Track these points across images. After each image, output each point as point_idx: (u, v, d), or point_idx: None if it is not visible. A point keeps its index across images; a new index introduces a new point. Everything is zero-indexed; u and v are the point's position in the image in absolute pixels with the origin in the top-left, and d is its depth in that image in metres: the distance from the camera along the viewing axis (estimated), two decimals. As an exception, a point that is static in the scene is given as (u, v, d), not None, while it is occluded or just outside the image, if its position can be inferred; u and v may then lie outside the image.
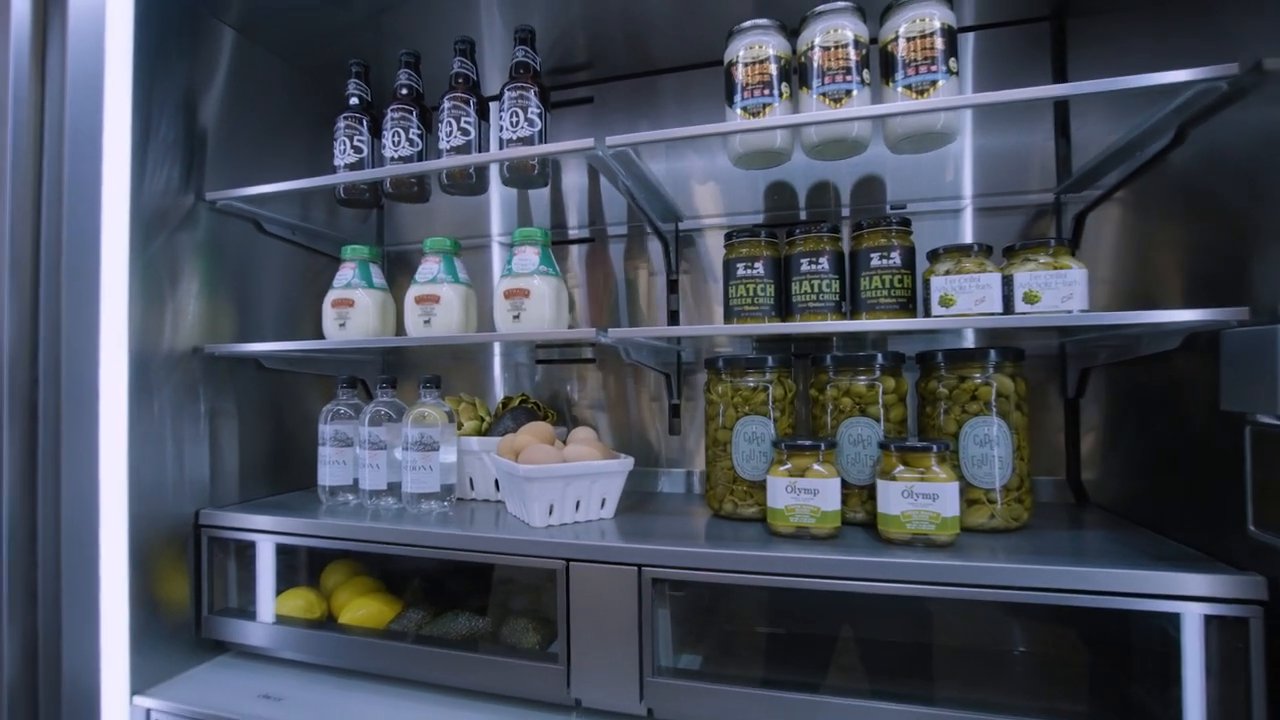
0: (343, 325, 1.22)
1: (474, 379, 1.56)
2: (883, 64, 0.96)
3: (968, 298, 0.91)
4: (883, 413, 1.01)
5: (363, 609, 1.13)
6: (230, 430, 1.24)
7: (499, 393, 1.53)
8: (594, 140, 0.96)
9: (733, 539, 0.94)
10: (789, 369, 1.10)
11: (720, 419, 1.08)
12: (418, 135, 1.19)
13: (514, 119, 1.09)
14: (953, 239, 1.25)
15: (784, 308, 1.06)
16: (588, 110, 1.48)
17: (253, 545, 1.15)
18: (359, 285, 1.23)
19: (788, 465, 0.95)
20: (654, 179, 1.13)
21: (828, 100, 0.94)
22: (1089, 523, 1.01)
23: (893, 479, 0.89)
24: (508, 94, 1.11)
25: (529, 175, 1.13)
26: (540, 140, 1.11)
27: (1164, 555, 0.81)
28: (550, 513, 1.02)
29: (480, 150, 1.16)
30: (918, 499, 0.88)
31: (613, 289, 1.47)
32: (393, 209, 1.62)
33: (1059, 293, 0.88)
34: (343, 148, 1.22)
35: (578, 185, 1.49)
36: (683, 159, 1.41)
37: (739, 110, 1.00)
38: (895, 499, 0.89)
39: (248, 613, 1.16)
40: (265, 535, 1.13)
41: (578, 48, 1.35)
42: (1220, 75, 0.74)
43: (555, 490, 1.02)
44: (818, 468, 0.93)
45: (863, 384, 1.02)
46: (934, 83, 0.91)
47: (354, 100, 1.26)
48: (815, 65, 0.96)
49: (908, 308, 0.99)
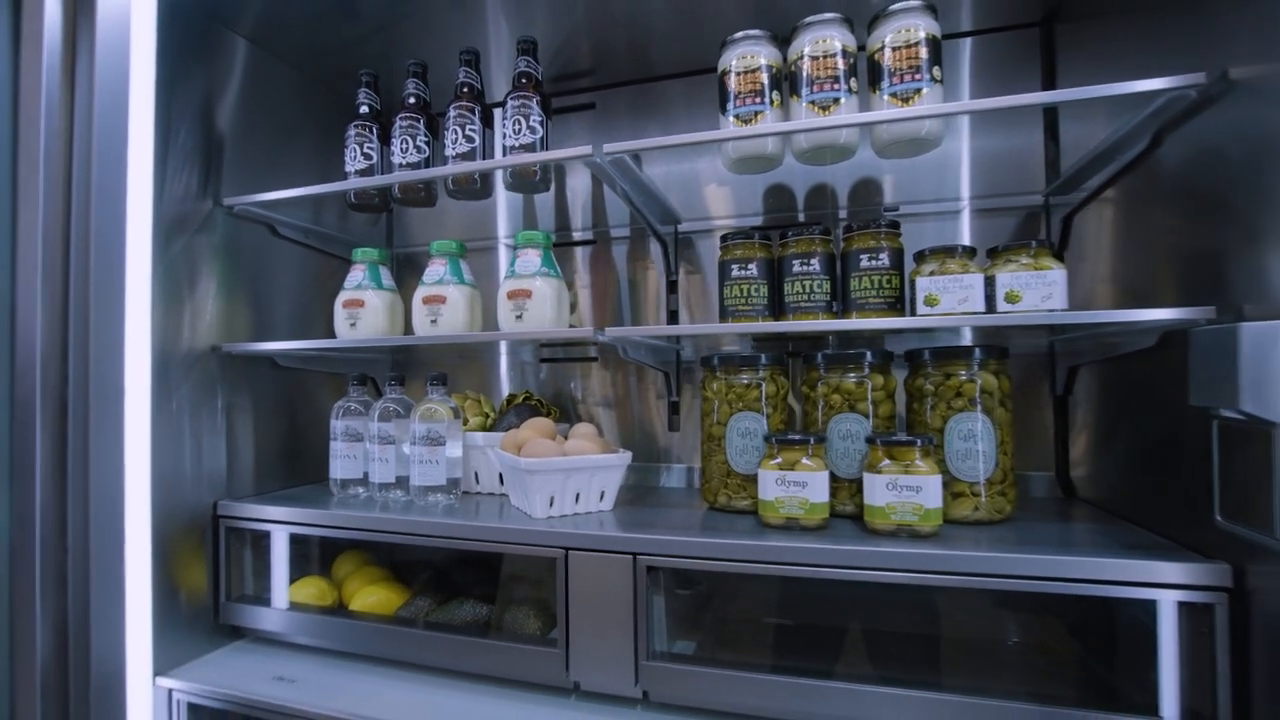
0: (353, 325, 1.27)
1: (481, 377, 1.61)
2: (870, 72, 0.99)
3: (951, 297, 0.94)
4: (871, 409, 1.05)
5: (372, 597, 1.18)
6: (246, 425, 1.30)
7: (505, 390, 1.58)
8: (591, 148, 1.00)
9: (725, 530, 0.98)
10: (782, 366, 1.14)
11: (715, 415, 1.12)
12: (425, 142, 1.23)
13: (516, 126, 1.14)
14: (951, 240, 1.28)
15: (777, 307, 1.10)
16: (590, 116, 1.52)
17: (267, 535, 1.20)
18: (369, 286, 1.28)
19: (778, 459, 0.99)
20: (651, 184, 1.18)
21: (816, 108, 0.98)
22: (1072, 516, 1.04)
23: (878, 472, 0.93)
24: (510, 103, 1.15)
25: (531, 181, 1.17)
26: (542, 147, 1.16)
27: (1136, 545, 0.84)
28: (551, 504, 1.07)
29: (485, 157, 1.21)
30: (902, 491, 0.91)
31: (616, 289, 1.51)
32: (401, 212, 1.67)
33: (1039, 292, 0.91)
34: (353, 154, 1.27)
35: (582, 189, 1.53)
36: (683, 162, 1.45)
37: (732, 118, 1.03)
38: (880, 491, 0.92)
39: (263, 600, 1.21)
40: (280, 525, 1.18)
41: (580, 55, 1.40)
42: (1189, 84, 0.77)
43: (555, 483, 1.06)
44: (807, 462, 0.97)
45: (852, 381, 1.06)
46: (918, 90, 0.94)
47: (364, 109, 1.30)
48: (805, 74, 0.99)
49: (896, 307, 1.02)
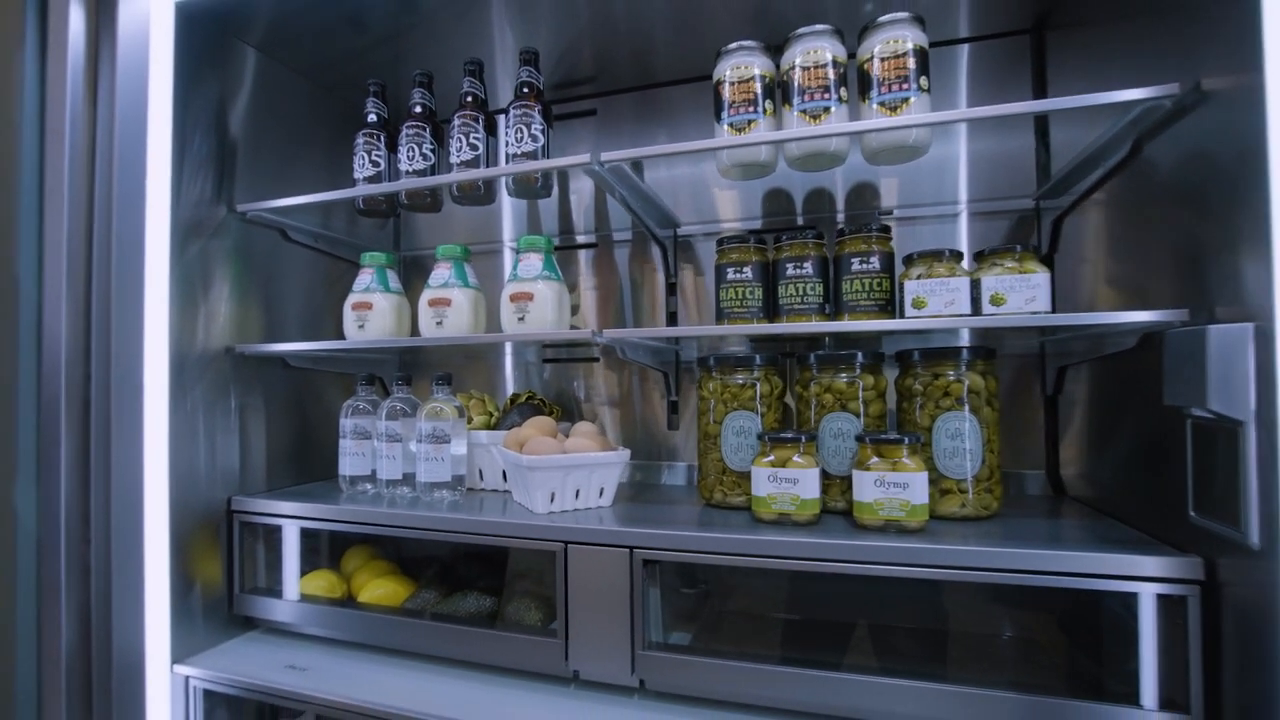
0: (362, 327, 1.31)
1: (487, 376, 1.65)
2: (860, 82, 1.02)
3: (938, 300, 0.97)
4: (862, 408, 1.08)
5: (380, 589, 1.22)
6: (258, 424, 1.34)
7: (510, 389, 1.61)
8: (590, 156, 1.04)
9: (719, 525, 1.01)
10: (777, 367, 1.17)
11: (711, 414, 1.15)
12: (430, 150, 1.27)
13: (519, 135, 1.17)
14: (949, 242, 1.31)
15: (772, 309, 1.13)
16: (592, 122, 1.55)
17: (279, 529, 1.24)
18: (377, 289, 1.32)
19: (771, 457, 1.02)
20: (648, 190, 1.21)
21: (807, 117, 1.01)
22: (1058, 513, 1.07)
23: (866, 469, 0.96)
24: (513, 112, 1.19)
25: (532, 187, 1.21)
26: (543, 155, 1.20)
27: (1116, 540, 0.87)
28: (552, 500, 1.10)
29: (489, 164, 1.25)
30: (889, 487, 0.94)
31: (618, 291, 1.54)
32: (408, 216, 1.71)
33: (1023, 295, 0.94)
34: (361, 162, 1.32)
35: (584, 193, 1.57)
36: (685, 166, 1.47)
37: (726, 126, 1.07)
38: (869, 488, 0.95)
39: (275, 592, 1.25)
40: (291, 520, 1.22)
41: (582, 63, 1.43)
42: (1164, 94, 0.80)
43: (556, 479, 1.10)
44: (798, 459, 1.00)
45: (843, 381, 1.09)
46: (906, 100, 0.98)
47: (372, 117, 1.35)
48: (796, 84, 1.03)
49: (886, 309, 1.05)
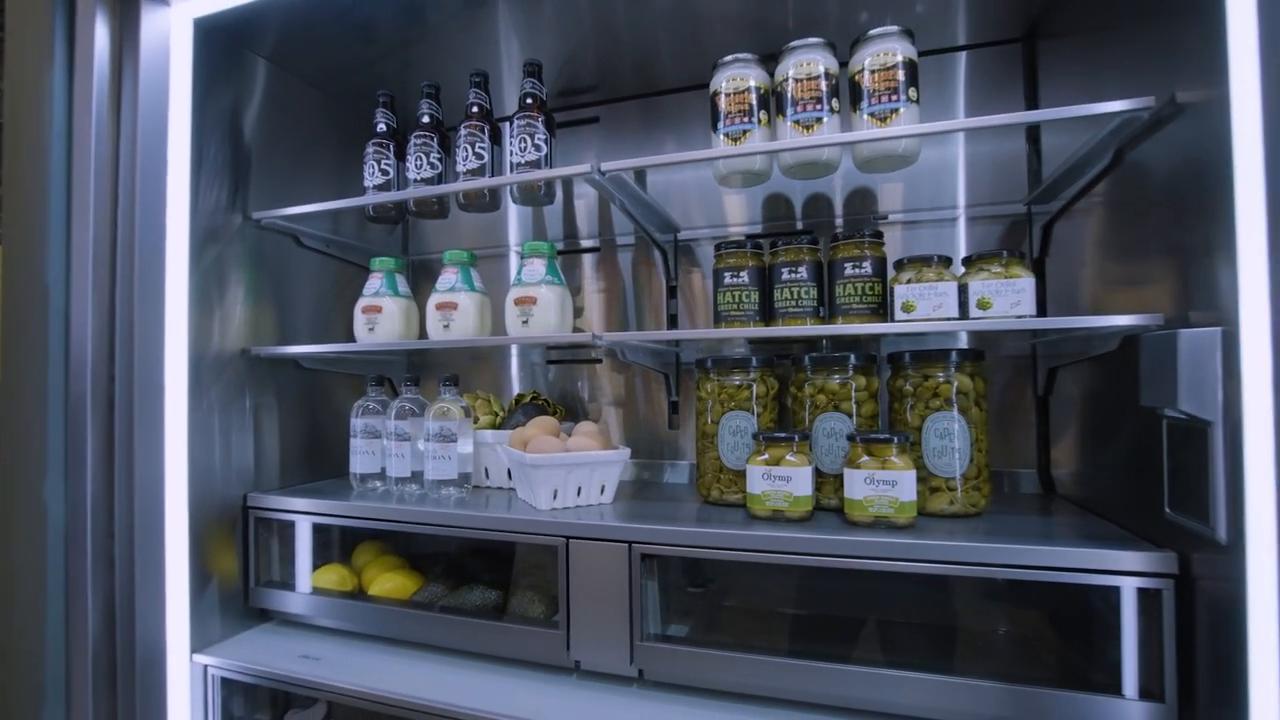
0: (372, 329, 1.35)
1: (493, 377, 1.69)
2: (851, 92, 1.06)
3: (927, 304, 1.00)
4: (855, 408, 1.11)
5: (389, 583, 1.26)
6: (271, 423, 1.39)
7: (515, 390, 1.66)
8: (590, 166, 1.08)
9: (714, 521, 1.05)
10: (773, 368, 1.21)
11: (709, 414, 1.19)
12: (438, 159, 1.32)
13: (522, 145, 1.22)
14: (949, 246, 1.33)
15: (767, 312, 1.17)
16: (595, 129, 1.59)
17: (293, 525, 1.29)
18: (386, 293, 1.36)
19: (765, 455, 1.06)
20: (648, 197, 1.25)
21: (800, 127, 1.05)
22: (1044, 510, 1.10)
23: (857, 467, 0.99)
24: (516, 122, 1.23)
25: (536, 195, 1.25)
26: (546, 164, 1.24)
27: (1097, 535, 0.90)
28: (555, 497, 1.14)
29: (494, 173, 1.29)
30: (878, 485, 0.98)
31: (621, 294, 1.58)
32: (416, 221, 1.75)
33: (1009, 299, 0.97)
34: (371, 170, 1.36)
35: (589, 198, 1.61)
36: (686, 172, 1.50)
37: (722, 136, 1.10)
38: (859, 485, 0.99)
39: (289, 585, 1.30)
40: (304, 516, 1.27)
41: (585, 71, 1.47)
42: (1141, 107, 0.83)
43: (559, 477, 1.14)
44: (791, 458, 1.04)
45: (836, 382, 1.12)
46: (895, 110, 1.01)
47: (381, 127, 1.39)
48: (790, 95, 1.06)
49: (879, 312, 1.09)
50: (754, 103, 1.09)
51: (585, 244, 1.61)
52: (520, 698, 1.01)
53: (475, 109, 1.30)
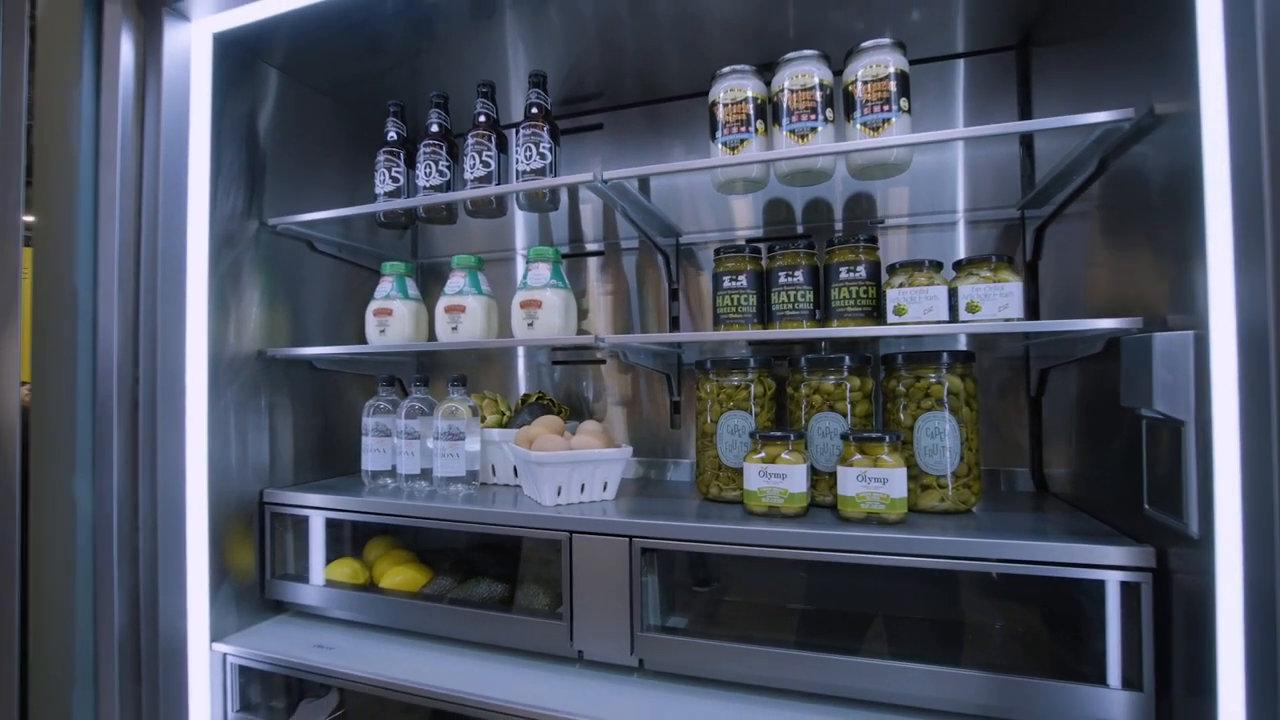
0: (383, 331, 1.40)
1: (500, 378, 1.73)
2: (845, 102, 1.09)
3: (918, 307, 1.04)
4: (849, 408, 1.15)
5: (400, 576, 1.31)
6: (286, 422, 1.44)
7: (522, 390, 1.70)
8: (593, 174, 1.12)
9: (712, 517, 1.08)
10: (770, 369, 1.24)
11: (708, 414, 1.23)
12: (446, 167, 1.36)
13: (528, 153, 1.26)
14: (949, 250, 1.36)
15: (765, 315, 1.20)
16: (599, 136, 1.63)
17: (307, 520, 1.34)
18: (396, 297, 1.41)
19: (761, 454, 1.09)
20: (648, 203, 1.29)
21: (795, 136, 1.08)
22: (1033, 507, 1.13)
23: (849, 465, 1.03)
24: (522, 131, 1.28)
25: (541, 202, 1.30)
26: (551, 172, 1.28)
27: (1080, 531, 0.93)
28: (559, 494, 1.18)
29: (500, 180, 1.33)
30: (870, 482, 1.01)
31: (625, 296, 1.62)
32: (425, 226, 1.79)
33: (996, 303, 1.00)
34: (382, 178, 1.41)
35: (595, 203, 1.64)
36: (689, 177, 1.52)
37: (720, 145, 1.14)
38: (851, 482, 1.02)
39: (303, 578, 1.35)
40: (318, 511, 1.31)
41: (589, 79, 1.50)
42: (1122, 118, 0.86)
43: (562, 474, 1.18)
44: (786, 456, 1.07)
45: (831, 383, 1.16)
46: (887, 120, 1.04)
47: (392, 135, 1.44)
48: (785, 105, 1.10)
49: (873, 315, 1.12)
50: (751, 112, 1.12)
51: (590, 247, 1.65)
52: (525, 686, 1.05)
53: (482, 118, 1.34)
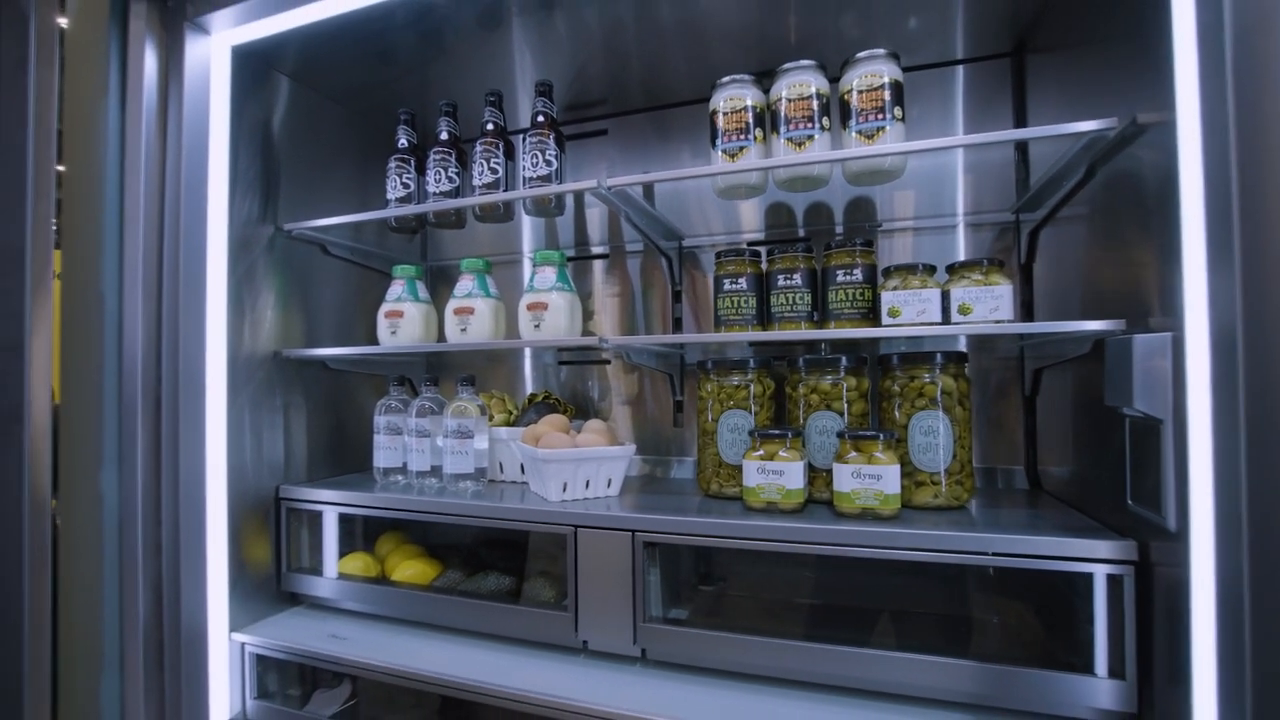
0: (394, 333, 1.44)
1: (508, 377, 1.77)
2: (841, 111, 1.13)
3: (911, 309, 1.07)
4: (846, 407, 1.18)
5: (410, 569, 1.35)
6: (300, 420, 1.48)
7: (529, 389, 1.74)
8: (597, 181, 1.16)
9: (713, 512, 1.12)
10: (770, 369, 1.28)
11: (709, 413, 1.26)
12: (455, 173, 1.40)
13: (534, 160, 1.30)
14: (949, 253, 1.39)
15: (764, 317, 1.24)
16: (605, 141, 1.67)
17: (321, 515, 1.38)
18: (407, 299, 1.45)
19: (760, 451, 1.13)
20: (650, 208, 1.32)
21: (792, 144, 1.12)
22: (1024, 503, 1.16)
23: (845, 462, 1.06)
24: (529, 139, 1.32)
25: (547, 207, 1.34)
26: (556, 178, 1.32)
27: (1067, 526, 0.96)
28: (564, 490, 1.22)
29: (508, 186, 1.37)
30: (865, 479, 1.04)
31: (630, 298, 1.66)
32: (435, 230, 1.84)
33: (987, 305, 1.03)
34: (393, 184, 1.45)
35: (599, 207, 1.68)
36: (691, 183, 1.55)
37: (720, 152, 1.18)
38: (847, 479, 1.06)
39: (317, 571, 1.39)
40: (332, 507, 1.36)
41: (595, 86, 1.54)
42: (1107, 127, 0.89)
43: (568, 471, 1.22)
44: (784, 453, 1.11)
45: (828, 382, 1.19)
46: (881, 128, 1.08)
47: (402, 142, 1.48)
48: (783, 114, 1.13)
49: (869, 317, 1.15)
50: (750, 121, 1.16)
51: (596, 250, 1.68)
52: (532, 675, 1.09)
53: (490, 126, 1.39)
